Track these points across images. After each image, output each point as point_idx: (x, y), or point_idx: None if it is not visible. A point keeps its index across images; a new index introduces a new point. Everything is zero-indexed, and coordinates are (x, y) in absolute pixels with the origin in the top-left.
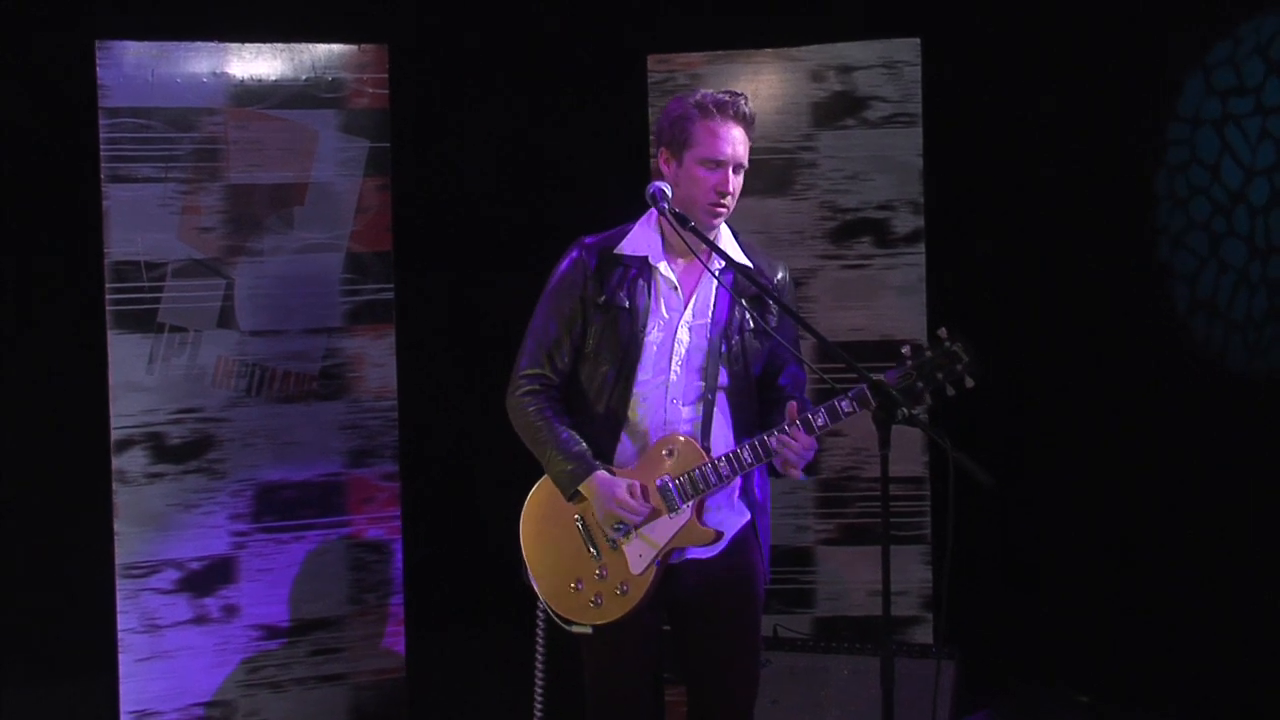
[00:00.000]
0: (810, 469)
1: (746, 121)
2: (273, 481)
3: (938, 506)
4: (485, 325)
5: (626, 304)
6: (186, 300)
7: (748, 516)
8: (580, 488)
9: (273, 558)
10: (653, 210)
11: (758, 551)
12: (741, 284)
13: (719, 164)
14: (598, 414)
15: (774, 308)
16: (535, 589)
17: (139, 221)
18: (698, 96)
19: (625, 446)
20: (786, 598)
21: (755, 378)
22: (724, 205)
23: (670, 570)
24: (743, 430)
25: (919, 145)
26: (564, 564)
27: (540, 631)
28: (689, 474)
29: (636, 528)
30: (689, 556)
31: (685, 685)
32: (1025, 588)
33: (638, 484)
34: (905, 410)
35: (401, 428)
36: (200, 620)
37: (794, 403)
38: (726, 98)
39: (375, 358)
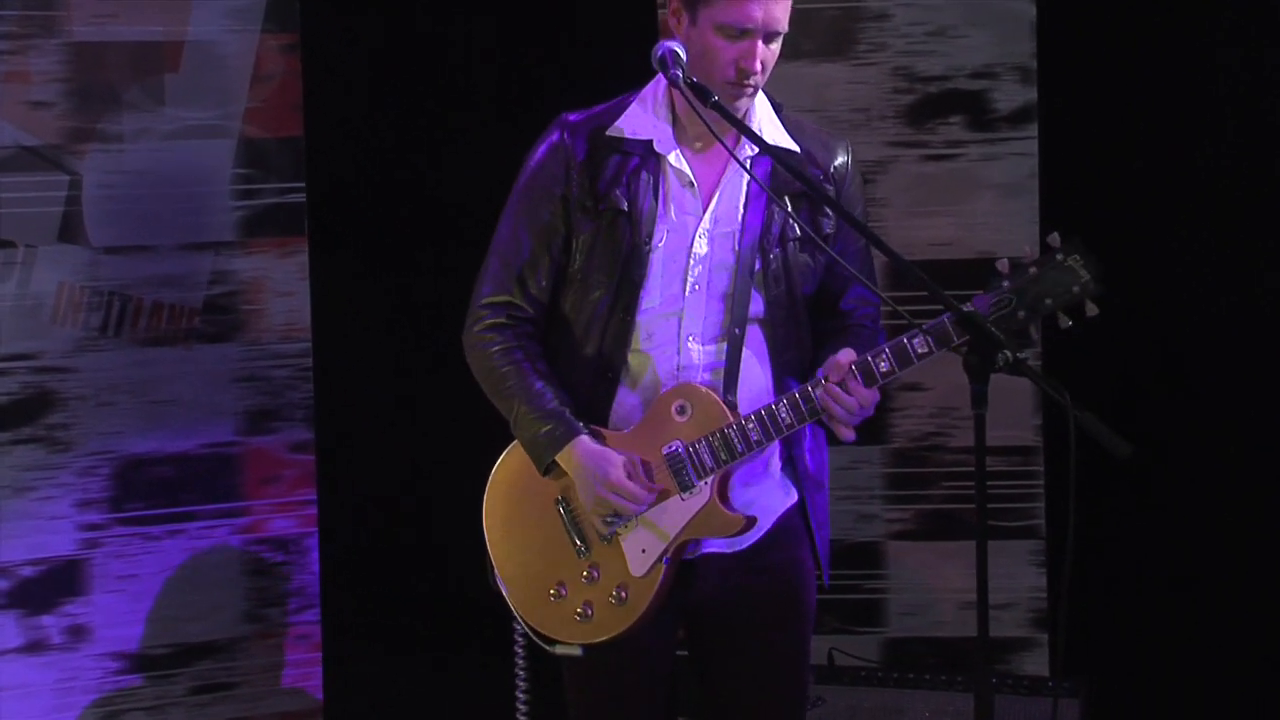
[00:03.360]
0: (876, 434)
1: None
2: (139, 455)
3: (1055, 488)
4: (436, 236)
5: (625, 205)
6: (14, 204)
7: (794, 497)
8: (558, 458)
9: (139, 560)
10: (659, 79)
11: (807, 546)
12: (783, 177)
13: (745, 32)
14: (586, 357)
15: (829, 207)
16: (505, 597)
17: None
18: None
19: (624, 401)
20: (846, 611)
21: (804, 303)
22: (748, 86)
23: (685, 569)
24: (785, 377)
25: None
26: (541, 562)
27: (520, 658)
28: (708, 439)
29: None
30: (708, 550)
31: None
32: (1176, 599)
33: (638, 458)
34: (1009, 353)
35: (318, 380)
36: (35, 647)
37: (846, 351)
38: None
39: (281, 283)
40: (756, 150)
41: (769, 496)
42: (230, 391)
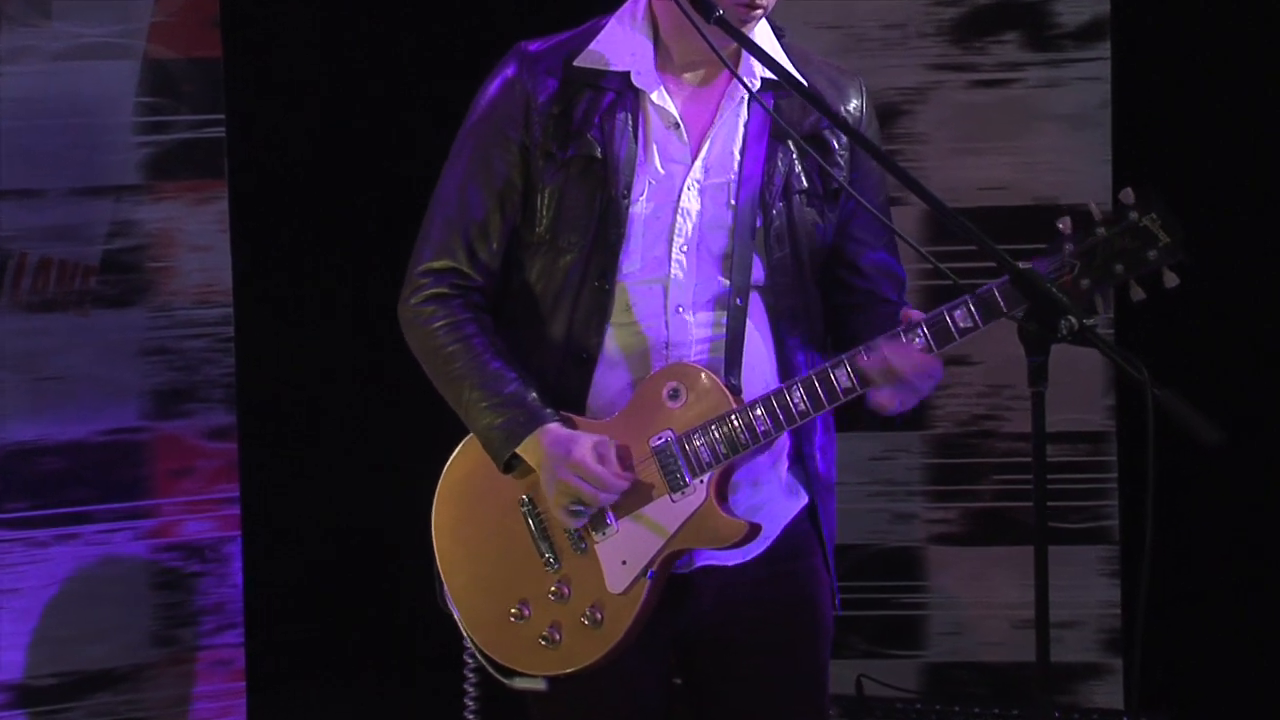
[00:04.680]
0: (914, 417)
1: None
2: (23, 443)
3: (1131, 483)
4: (383, 180)
5: (598, 151)
6: None
7: (804, 500)
8: (520, 450)
9: (22, 571)
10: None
11: (819, 554)
12: (791, 113)
13: None
14: (555, 335)
15: (844, 152)
16: (456, 618)
17: None
18: None
19: (604, 386)
20: (877, 631)
21: (811, 270)
22: (757, 10)
23: (676, 586)
24: (791, 358)
25: None
26: (499, 576)
27: (470, 690)
28: (705, 429)
29: (613, 515)
30: (703, 564)
31: None
32: (1275, 617)
33: (608, 440)
34: (1074, 319)
35: (241, 353)
36: None
37: (907, 309)
38: None
39: (195, 236)
40: (760, 82)
41: (776, 500)
42: (134, 366)
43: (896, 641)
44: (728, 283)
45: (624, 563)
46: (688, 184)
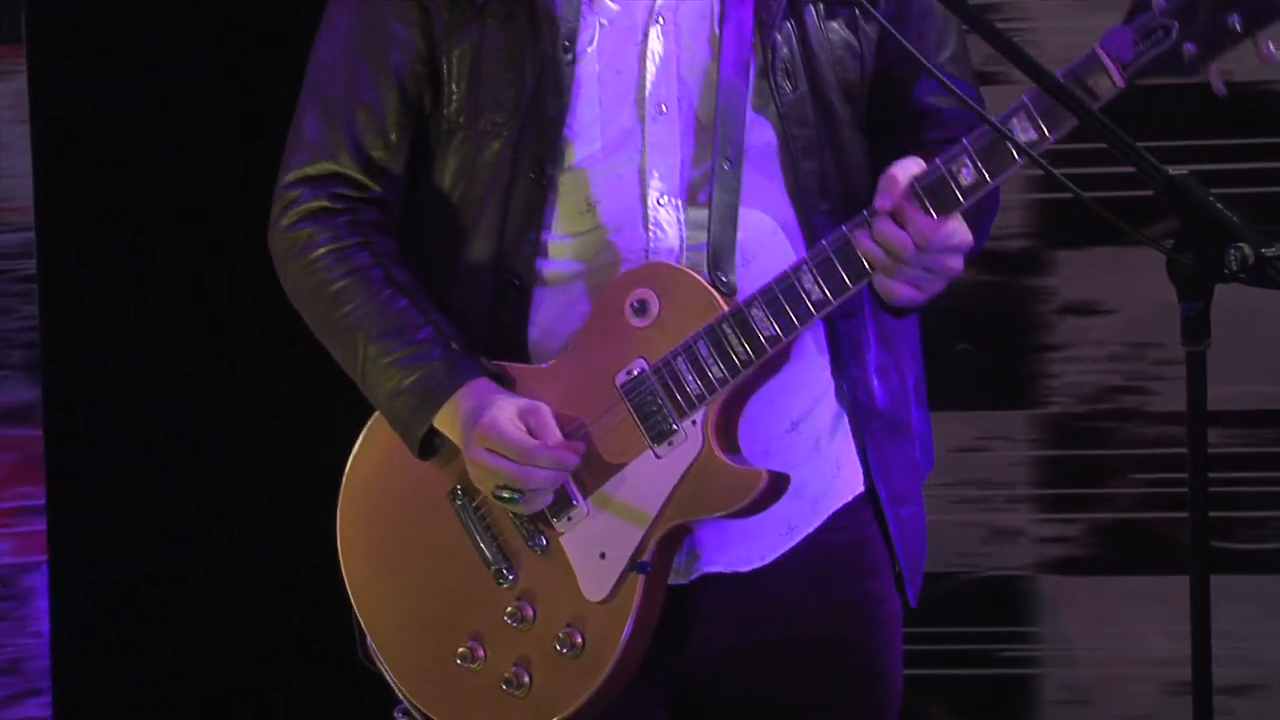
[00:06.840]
0: (1019, 390)
1: None
2: None
3: None
4: (257, 43)
5: None
6: None
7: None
8: (438, 422)
9: None
10: None
11: (879, 556)
12: None
13: None
14: (480, 257)
15: None
16: (388, 678)
17: None
18: None
19: (545, 313)
20: (967, 696)
21: (849, 114)
22: None
23: (682, 602)
24: (824, 236)
25: None
26: (438, 606)
27: None
28: (689, 349)
29: (577, 492)
30: (709, 569)
31: None
32: None
33: (543, 406)
34: (1248, 249)
35: (47, 300)
36: None
37: (907, 161)
38: None
39: None
40: None
41: (819, 450)
42: None
43: (995, 711)
44: (713, 147)
45: (602, 555)
46: (653, 19)
